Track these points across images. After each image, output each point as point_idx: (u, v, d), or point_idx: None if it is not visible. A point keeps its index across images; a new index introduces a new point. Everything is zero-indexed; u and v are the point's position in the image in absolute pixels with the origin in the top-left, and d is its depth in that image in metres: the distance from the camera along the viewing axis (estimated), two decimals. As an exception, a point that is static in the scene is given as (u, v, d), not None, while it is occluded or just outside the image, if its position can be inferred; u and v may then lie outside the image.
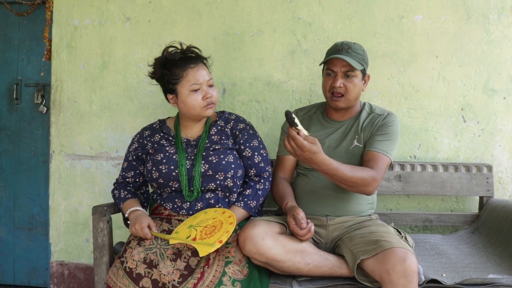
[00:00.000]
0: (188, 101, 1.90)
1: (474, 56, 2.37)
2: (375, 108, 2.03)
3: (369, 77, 2.00)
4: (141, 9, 2.53)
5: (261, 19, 2.45)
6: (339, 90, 1.90)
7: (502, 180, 2.39)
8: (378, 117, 1.97)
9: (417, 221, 2.33)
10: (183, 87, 1.90)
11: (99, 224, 1.90)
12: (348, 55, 1.89)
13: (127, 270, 1.70)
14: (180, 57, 1.92)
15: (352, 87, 1.91)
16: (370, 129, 1.95)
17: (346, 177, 1.74)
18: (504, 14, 2.35)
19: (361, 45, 1.97)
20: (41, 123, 2.80)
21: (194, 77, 1.89)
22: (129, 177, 2.02)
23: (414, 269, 1.56)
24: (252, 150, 1.98)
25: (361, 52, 1.92)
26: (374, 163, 1.83)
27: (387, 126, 1.93)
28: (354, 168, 1.78)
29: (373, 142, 1.90)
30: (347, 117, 2.01)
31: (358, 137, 1.95)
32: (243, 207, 1.91)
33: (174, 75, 1.90)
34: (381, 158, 1.86)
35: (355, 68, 1.88)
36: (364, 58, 1.93)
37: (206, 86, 1.91)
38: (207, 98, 1.90)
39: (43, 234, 2.80)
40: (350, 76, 1.90)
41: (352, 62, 1.87)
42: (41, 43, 2.72)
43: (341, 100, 1.93)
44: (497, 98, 2.38)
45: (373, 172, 1.80)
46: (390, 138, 1.91)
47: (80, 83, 2.58)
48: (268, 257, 1.68)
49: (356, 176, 1.76)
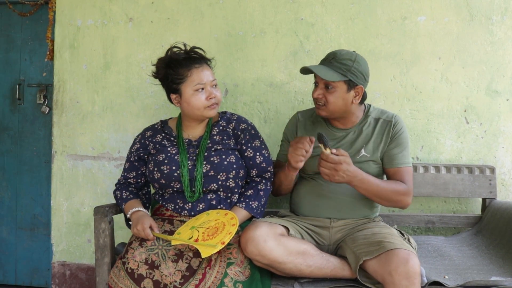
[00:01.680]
0: (192, 101, 1.90)
1: (477, 57, 2.36)
2: (379, 112, 1.98)
3: (362, 89, 1.86)
4: (144, 10, 2.53)
5: (263, 20, 2.45)
6: (318, 100, 1.88)
7: (505, 182, 2.38)
8: (387, 124, 1.92)
9: (420, 223, 2.32)
10: (187, 87, 1.90)
11: (101, 225, 1.90)
12: (330, 65, 1.83)
13: (129, 271, 1.70)
14: (184, 57, 1.91)
15: (332, 99, 1.84)
16: (382, 138, 1.91)
17: (381, 192, 1.81)
18: (507, 15, 2.34)
19: (355, 54, 1.85)
20: (43, 123, 2.81)
21: (199, 76, 1.89)
22: (131, 177, 2.02)
23: (417, 270, 1.56)
24: (254, 150, 1.98)
25: (347, 62, 1.81)
26: (401, 177, 1.89)
27: (399, 135, 1.91)
28: (387, 182, 1.84)
29: (393, 158, 1.90)
30: (350, 124, 1.95)
31: (366, 147, 1.91)
32: (244, 207, 1.90)
33: (179, 74, 1.90)
34: (406, 170, 1.90)
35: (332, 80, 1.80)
36: (351, 68, 1.80)
37: (210, 87, 1.91)
38: (211, 98, 1.90)
39: (45, 234, 2.80)
40: (330, 88, 1.83)
41: (326, 75, 1.80)
42: (43, 44, 2.72)
43: (322, 109, 1.88)
44: (500, 99, 2.37)
45: (405, 185, 1.86)
46: (405, 147, 1.92)
47: (82, 84, 2.58)
48: (270, 259, 1.67)
49: (391, 190, 1.83)
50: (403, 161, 1.90)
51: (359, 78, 1.83)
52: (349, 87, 1.83)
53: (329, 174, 1.70)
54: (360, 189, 1.79)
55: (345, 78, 1.81)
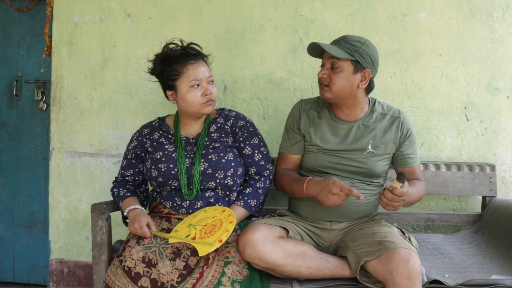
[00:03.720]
0: (187, 97, 1.88)
1: (477, 54, 2.35)
2: (385, 107, 1.94)
3: (369, 74, 1.81)
4: (142, 6, 2.51)
5: (263, 16, 2.43)
6: (322, 80, 1.83)
7: (505, 180, 2.37)
8: (395, 121, 1.89)
9: (419, 221, 2.31)
10: (182, 83, 1.88)
11: (98, 222, 1.88)
12: (338, 45, 1.81)
13: (126, 269, 1.68)
14: (180, 53, 1.90)
15: (336, 79, 1.78)
16: (391, 136, 1.87)
17: (417, 199, 1.85)
18: (508, 12, 2.33)
19: (365, 39, 1.83)
20: (41, 120, 2.79)
21: (194, 73, 1.87)
22: (128, 175, 2.00)
23: (418, 270, 1.54)
24: (252, 148, 1.96)
25: (356, 43, 1.79)
26: (416, 175, 1.94)
27: (410, 133, 1.90)
28: (415, 186, 1.85)
29: (409, 158, 1.92)
30: (355, 117, 1.89)
31: (373, 143, 1.86)
32: (243, 206, 1.88)
33: (174, 70, 1.88)
34: (419, 166, 1.98)
35: (340, 58, 1.76)
36: (359, 49, 1.77)
37: (206, 83, 1.89)
38: (206, 94, 1.88)
39: (42, 231, 2.79)
40: (335, 67, 1.78)
41: (333, 50, 1.76)
42: (41, 40, 2.70)
43: (326, 90, 1.82)
44: (501, 97, 2.35)
45: (423, 183, 1.94)
46: (415, 145, 1.94)
47: (80, 80, 2.56)
48: (268, 262, 1.65)
49: (421, 194, 1.87)
50: (416, 159, 1.94)
51: (366, 61, 1.79)
52: (355, 68, 1.79)
53: (397, 206, 1.64)
54: (406, 204, 1.75)
55: (352, 58, 1.77)
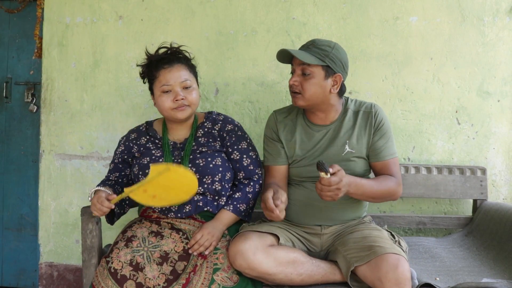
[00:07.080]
0: (158, 102, 1.88)
1: (468, 58, 2.36)
2: (357, 104, 1.91)
3: (340, 78, 1.80)
4: (134, 8, 2.50)
5: (255, 19, 2.43)
6: (293, 88, 1.81)
7: (495, 183, 2.38)
8: (368, 115, 1.87)
9: (411, 224, 2.31)
10: (156, 88, 1.89)
11: (88, 226, 1.87)
12: (308, 50, 1.78)
13: (112, 271, 1.67)
14: (158, 57, 1.89)
15: (308, 86, 1.77)
16: (365, 131, 1.86)
17: (377, 194, 1.76)
18: (498, 17, 2.34)
19: (334, 43, 1.81)
20: (31, 122, 2.76)
21: (165, 77, 1.86)
22: (112, 178, 1.97)
23: (407, 276, 1.54)
24: (240, 153, 1.94)
25: (326, 48, 1.77)
26: (389, 170, 1.85)
27: (382, 125, 1.86)
28: (379, 181, 1.79)
29: (379, 150, 1.85)
30: (330, 120, 1.89)
31: (349, 142, 1.86)
32: (232, 210, 1.86)
33: (151, 75, 1.90)
34: (393, 162, 1.86)
35: (311, 64, 1.74)
36: (329, 54, 1.75)
37: (179, 88, 1.86)
38: (177, 100, 1.84)
39: (32, 234, 2.76)
40: (306, 74, 1.77)
41: (303, 56, 1.74)
42: (31, 41, 2.68)
43: (299, 98, 1.81)
44: (492, 100, 2.37)
45: (395, 179, 1.83)
46: (389, 136, 1.87)
47: (71, 82, 2.54)
48: (259, 272, 1.64)
49: (385, 188, 1.78)
50: (389, 152, 1.86)
51: (337, 65, 1.78)
52: (327, 74, 1.77)
53: (333, 195, 1.58)
54: (356, 195, 1.73)
55: (322, 63, 1.75)
